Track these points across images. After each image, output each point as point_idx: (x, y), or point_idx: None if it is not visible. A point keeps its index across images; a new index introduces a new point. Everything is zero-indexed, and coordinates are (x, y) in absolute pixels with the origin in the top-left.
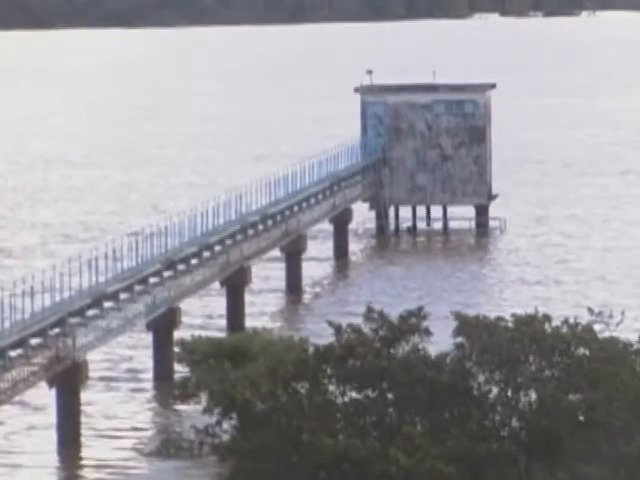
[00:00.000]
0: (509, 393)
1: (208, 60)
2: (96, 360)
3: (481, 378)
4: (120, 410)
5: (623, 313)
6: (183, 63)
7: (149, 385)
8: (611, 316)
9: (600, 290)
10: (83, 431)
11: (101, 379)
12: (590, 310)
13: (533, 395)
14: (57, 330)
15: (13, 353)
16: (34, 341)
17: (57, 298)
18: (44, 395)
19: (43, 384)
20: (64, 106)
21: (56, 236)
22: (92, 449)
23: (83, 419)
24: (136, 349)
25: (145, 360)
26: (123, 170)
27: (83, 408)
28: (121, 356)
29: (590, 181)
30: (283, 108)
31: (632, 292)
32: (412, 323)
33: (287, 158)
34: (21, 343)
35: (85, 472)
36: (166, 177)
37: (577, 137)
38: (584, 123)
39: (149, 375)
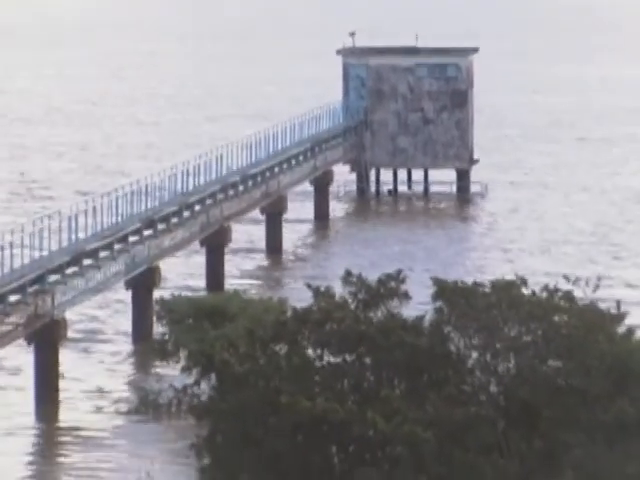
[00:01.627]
0: (488, 358)
1: (180, 20)
2: (74, 319)
3: (460, 343)
4: (98, 369)
5: (599, 279)
6: (153, 23)
7: (128, 344)
8: (587, 283)
9: (578, 255)
10: (60, 390)
11: (79, 338)
12: (566, 277)
13: (512, 361)
14: (36, 287)
15: None
16: (12, 298)
17: (36, 255)
18: (22, 353)
19: (21, 341)
20: (26, 64)
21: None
22: (69, 409)
23: (60, 376)
24: (115, 308)
25: (124, 319)
26: (76, 130)
27: (61, 367)
28: (100, 315)
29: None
30: (261, 69)
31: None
32: (391, 287)
33: (263, 119)
34: None
35: (62, 432)
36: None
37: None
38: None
39: (128, 334)
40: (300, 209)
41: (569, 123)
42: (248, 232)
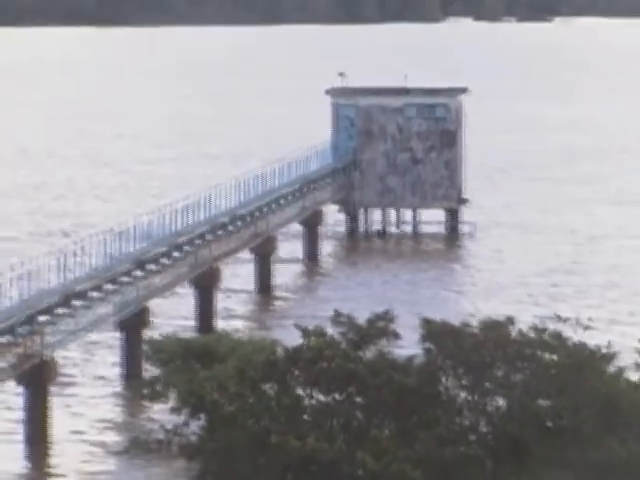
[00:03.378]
0: (476, 398)
1: (172, 59)
2: (65, 358)
3: (449, 383)
4: (88, 409)
5: (590, 319)
6: (144, 62)
7: (118, 384)
8: (578, 322)
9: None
10: (51, 430)
11: (70, 377)
12: (558, 316)
13: (501, 400)
14: (26, 328)
15: None
16: (2, 339)
17: (25, 296)
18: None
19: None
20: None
21: None
22: (60, 447)
23: (50, 418)
24: (105, 348)
25: (114, 359)
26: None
27: (51, 406)
28: (90, 354)
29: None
30: (250, 107)
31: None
32: (380, 326)
33: (251, 159)
34: None
35: (52, 471)
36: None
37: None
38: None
39: (118, 374)
40: (290, 249)
41: (555, 161)
42: (237, 272)
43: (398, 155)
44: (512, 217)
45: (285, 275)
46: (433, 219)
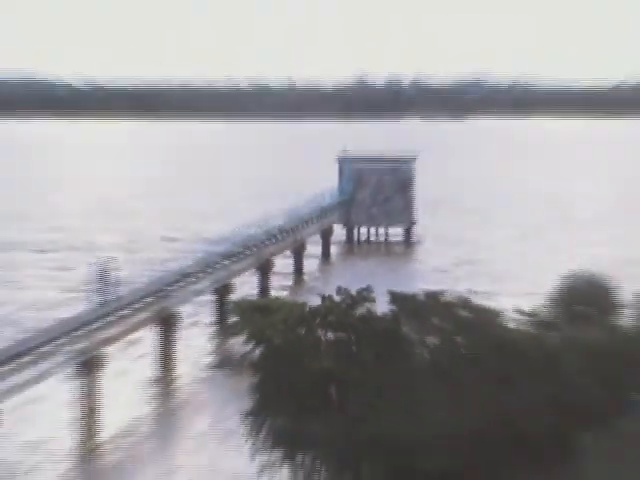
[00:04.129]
0: (421, 337)
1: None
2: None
3: (405, 328)
4: (198, 341)
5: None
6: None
7: (214, 327)
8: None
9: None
10: (174, 354)
11: (186, 322)
12: (469, 290)
13: (434, 339)
14: (162, 292)
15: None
16: (149, 299)
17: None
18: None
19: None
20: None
21: None
22: (181, 363)
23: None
24: (206, 305)
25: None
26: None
27: (174, 340)
28: (197, 309)
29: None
30: (281, 171)
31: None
32: (364, 295)
33: (292, 197)
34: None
35: (177, 375)
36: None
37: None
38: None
39: (214, 320)
40: (314, 250)
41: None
42: (283, 263)
43: (377, 196)
44: (437, 231)
45: (311, 265)
46: (397, 233)
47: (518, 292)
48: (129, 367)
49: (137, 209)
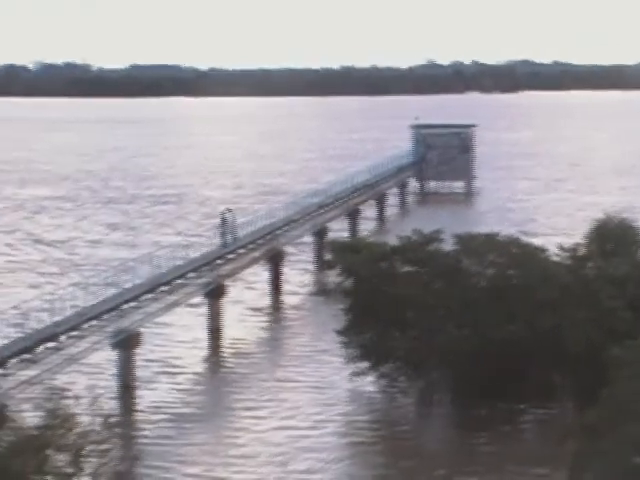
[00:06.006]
0: (480, 269)
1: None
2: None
3: (467, 262)
4: (295, 277)
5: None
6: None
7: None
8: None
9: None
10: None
11: (297, 259)
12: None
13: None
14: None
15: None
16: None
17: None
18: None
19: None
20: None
21: None
22: (291, 297)
23: (286, 279)
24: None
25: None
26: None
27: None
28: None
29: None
30: (363, 137)
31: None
32: (434, 236)
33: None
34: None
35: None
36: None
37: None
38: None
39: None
40: (393, 200)
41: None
42: (368, 211)
43: (443, 156)
44: (493, 185)
45: (391, 212)
46: (460, 186)
47: (554, 232)
48: (245, 296)
49: (245, 169)
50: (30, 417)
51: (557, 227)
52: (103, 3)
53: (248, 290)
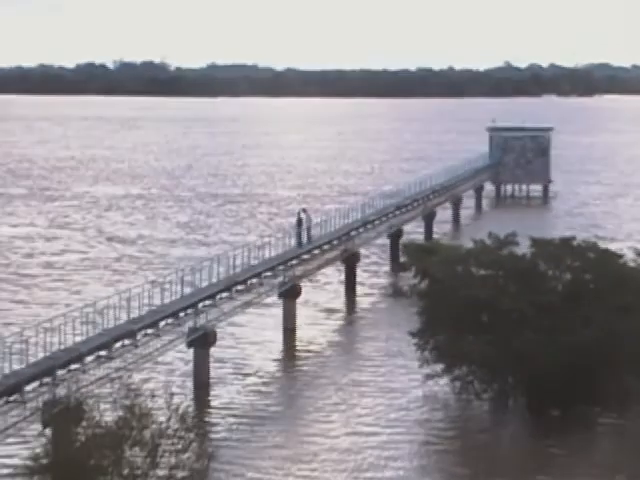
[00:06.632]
0: (557, 273)
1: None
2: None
3: (543, 265)
4: (379, 277)
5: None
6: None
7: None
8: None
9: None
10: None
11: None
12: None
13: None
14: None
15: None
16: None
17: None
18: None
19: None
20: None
21: None
22: (365, 298)
23: (360, 280)
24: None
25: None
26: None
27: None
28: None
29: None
30: (439, 140)
31: None
32: (510, 239)
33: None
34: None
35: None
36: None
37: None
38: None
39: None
40: (469, 202)
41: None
42: (444, 213)
43: (520, 159)
44: (569, 189)
45: (466, 215)
46: (536, 189)
47: (628, 237)
48: (319, 297)
49: (317, 169)
50: (107, 413)
51: (632, 232)
52: (182, 2)
53: (322, 291)
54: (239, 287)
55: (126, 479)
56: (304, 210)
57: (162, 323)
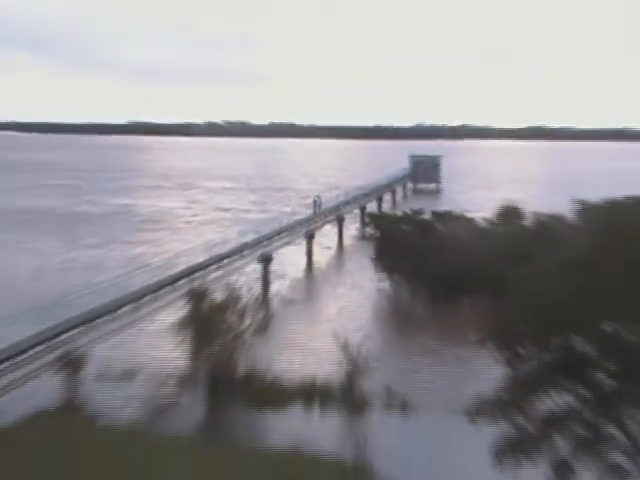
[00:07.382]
0: (441, 227)
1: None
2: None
3: (437, 225)
4: (354, 230)
5: None
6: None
7: (359, 223)
8: None
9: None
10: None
11: (352, 221)
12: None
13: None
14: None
15: None
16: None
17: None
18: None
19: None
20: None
21: None
22: (347, 240)
23: (345, 231)
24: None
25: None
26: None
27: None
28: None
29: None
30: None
31: None
32: (419, 211)
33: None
34: None
35: (345, 241)
36: None
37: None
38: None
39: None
40: (400, 192)
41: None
42: (387, 199)
43: (425, 170)
44: (448, 187)
45: (398, 198)
46: (433, 186)
47: (480, 210)
48: (323, 240)
49: (321, 174)
50: None
51: (481, 208)
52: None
53: (325, 236)
54: (285, 233)
55: None
56: (318, 196)
57: (246, 252)
